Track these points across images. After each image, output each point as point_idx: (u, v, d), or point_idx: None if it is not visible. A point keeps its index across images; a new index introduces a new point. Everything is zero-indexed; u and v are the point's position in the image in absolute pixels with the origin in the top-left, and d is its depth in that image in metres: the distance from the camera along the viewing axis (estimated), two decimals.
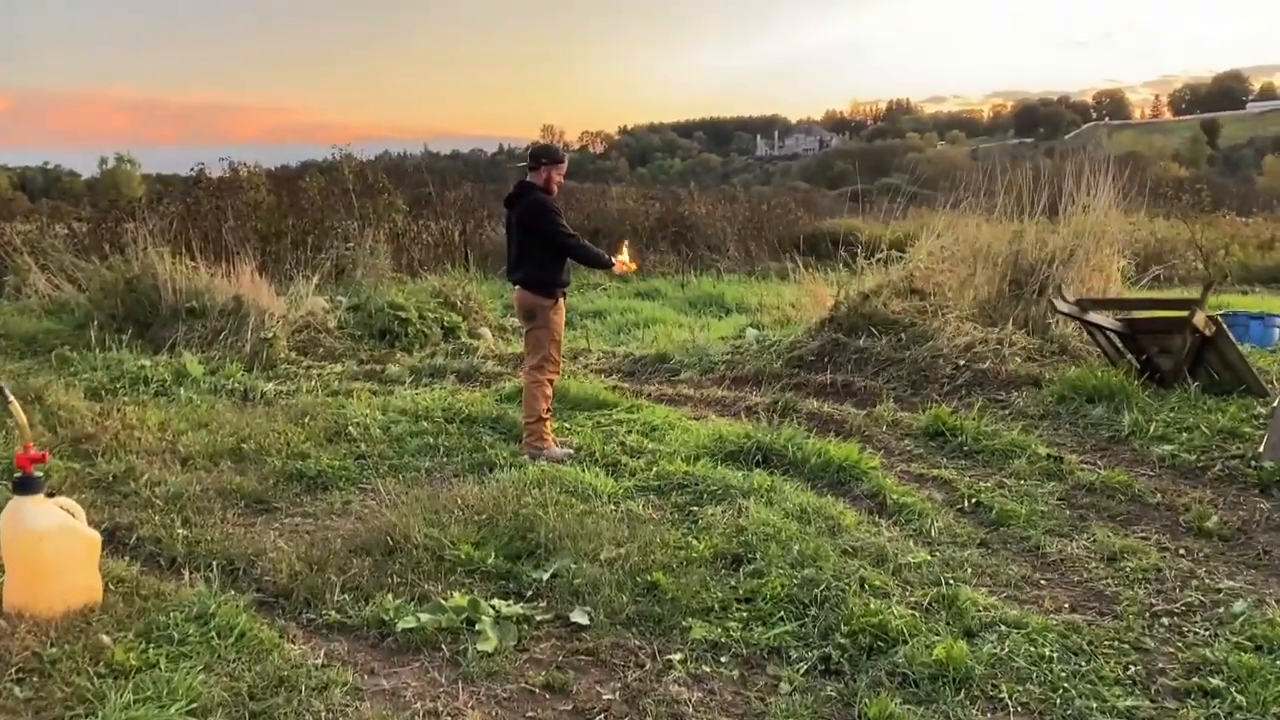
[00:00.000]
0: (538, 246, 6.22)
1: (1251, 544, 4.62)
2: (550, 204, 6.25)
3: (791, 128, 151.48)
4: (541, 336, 6.29)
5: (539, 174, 6.30)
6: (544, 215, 6.18)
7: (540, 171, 6.30)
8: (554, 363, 6.37)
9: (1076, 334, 8.70)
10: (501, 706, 3.21)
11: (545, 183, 6.31)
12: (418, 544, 4.35)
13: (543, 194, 6.26)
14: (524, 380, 6.41)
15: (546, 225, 6.17)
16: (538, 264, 6.24)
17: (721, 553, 4.33)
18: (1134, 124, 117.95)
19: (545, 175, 6.31)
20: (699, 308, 14.29)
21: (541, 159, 6.34)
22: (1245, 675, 3.22)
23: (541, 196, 6.24)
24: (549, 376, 6.33)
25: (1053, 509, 5.11)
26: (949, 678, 3.27)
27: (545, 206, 6.20)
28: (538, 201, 6.21)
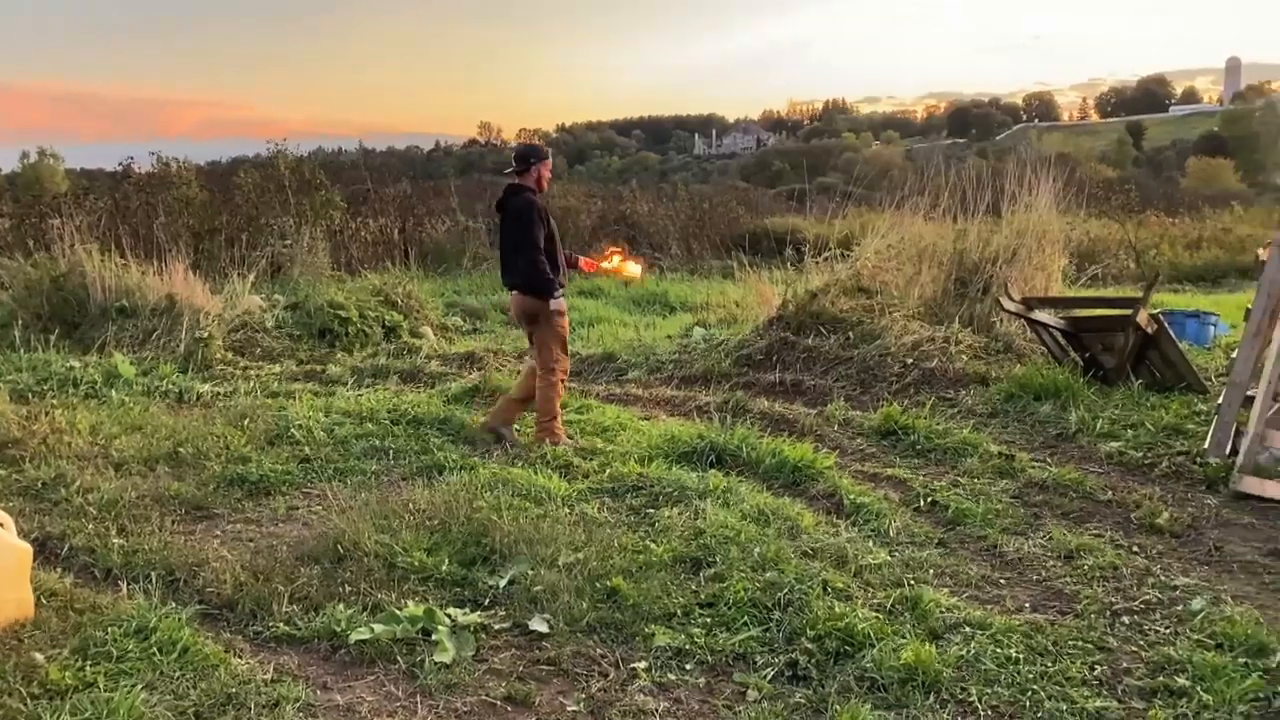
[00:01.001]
0: (521, 250, 6.21)
1: (1202, 540, 4.68)
2: (538, 208, 6.24)
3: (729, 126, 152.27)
4: (546, 337, 6.28)
5: (529, 175, 6.35)
6: (524, 219, 6.19)
7: (530, 173, 6.35)
8: (562, 362, 6.38)
9: (1021, 332, 8.80)
10: None
11: (536, 182, 6.35)
12: (368, 551, 4.20)
13: (533, 194, 6.28)
14: (537, 383, 6.38)
15: (522, 227, 6.18)
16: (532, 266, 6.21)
17: (681, 556, 4.25)
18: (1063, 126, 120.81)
19: (535, 174, 6.35)
20: (643, 306, 14.21)
21: (530, 159, 6.40)
22: (1210, 674, 3.23)
23: (532, 197, 6.26)
24: (559, 376, 6.35)
25: (1007, 507, 5.13)
26: (918, 681, 3.23)
27: (533, 209, 6.21)
28: (528, 202, 6.23)
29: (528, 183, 6.33)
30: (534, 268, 6.17)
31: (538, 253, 6.15)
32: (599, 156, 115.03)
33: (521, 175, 6.35)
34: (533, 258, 6.15)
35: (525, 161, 6.38)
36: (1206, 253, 20.00)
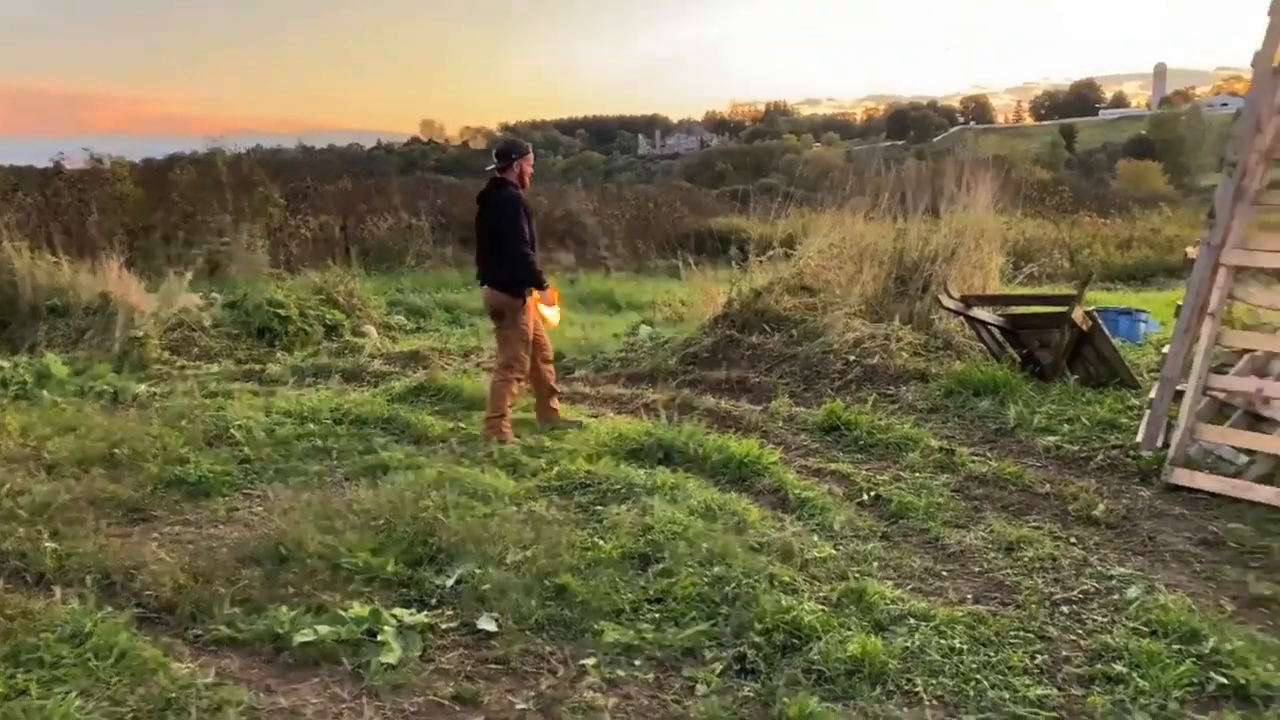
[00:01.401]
0: (507, 244, 6.23)
1: (1137, 531, 4.80)
2: (523, 203, 6.26)
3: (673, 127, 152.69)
4: (510, 336, 6.31)
5: (511, 170, 6.36)
6: (511, 213, 6.21)
7: (512, 168, 6.37)
8: (523, 362, 6.37)
9: (960, 329, 8.95)
10: None
11: (519, 177, 6.37)
12: (311, 552, 4.13)
13: (516, 190, 6.30)
14: (492, 377, 6.43)
15: (507, 222, 6.19)
16: (507, 262, 6.22)
17: (629, 553, 4.25)
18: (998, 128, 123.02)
19: (518, 170, 6.37)
20: (589, 305, 14.22)
21: (512, 155, 6.41)
22: (1145, 660, 3.32)
23: (513, 193, 6.27)
24: (516, 375, 6.36)
25: (948, 500, 5.21)
26: (864, 673, 3.27)
27: (518, 204, 6.23)
28: (512, 196, 6.25)
29: (510, 178, 6.36)
30: (524, 261, 6.24)
31: (526, 247, 6.21)
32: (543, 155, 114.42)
33: (504, 171, 6.38)
34: (522, 252, 6.21)
35: (507, 157, 6.40)
36: (1137, 252, 20.55)
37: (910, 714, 3.09)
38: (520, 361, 6.34)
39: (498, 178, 6.41)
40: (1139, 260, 19.84)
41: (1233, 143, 5.74)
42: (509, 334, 6.32)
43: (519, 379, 6.40)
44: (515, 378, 6.35)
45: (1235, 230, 5.65)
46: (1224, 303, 5.66)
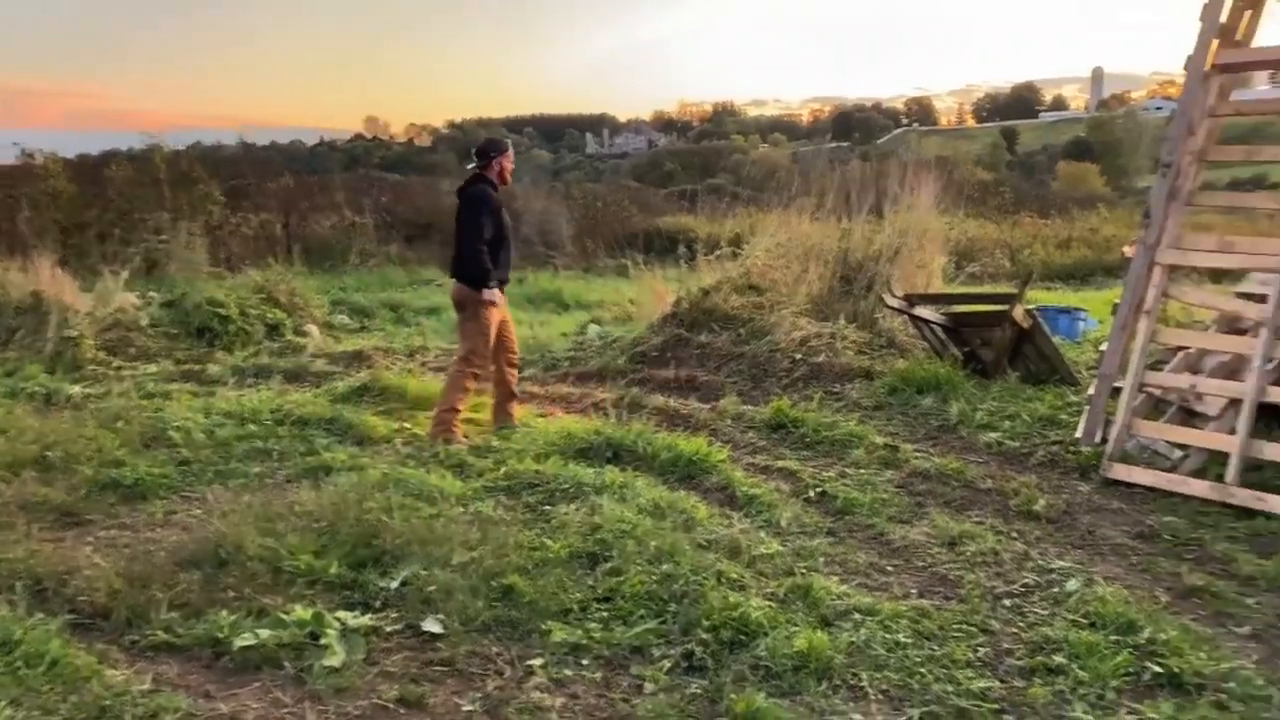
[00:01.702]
0: (464, 240, 6.29)
1: (1076, 525, 4.90)
2: (488, 200, 6.28)
3: (621, 126, 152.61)
4: (470, 328, 6.32)
5: (490, 168, 6.39)
6: (472, 208, 6.27)
7: (491, 166, 6.39)
8: (483, 357, 6.36)
9: (903, 328, 9.06)
10: None
11: (499, 175, 6.40)
12: (252, 555, 4.04)
13: (488, 187, 6.32)
14: (449, 370, 6.46)
15: (467, 218, 6.26)
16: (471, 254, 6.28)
17: (577, 552, 4.23)
18: (941, 130, 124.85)
19: (497, 167, 6.40)
20: (537, 304, 14.16)
21: (490, 153, 6.42)
22: (1084, 651, 3.38)
23: (483, 190, 6.30)
24: (473, 369, 6.35)
25: (893, 496, 5.27)
26: (811, 668, 3.29)
27: (480, 201, 6.27)
28: (477, 194, 6.30)
29: (490, 175, 6.40)
30: (472, 256, 6.26)
31: (478, 242, 6.23)
32: None
33: (484, 168, 6.41)
34: (473, 247, 6.24)
35: (486, 155, 6.43)
36: (1076, 252, 20.98)
37: (856, 708, 3.11)
38: (478, 355, 6.34)
39: (477, 174, 6.42)
40: (1078, 260, 20.25)
41: (1167, 145, 5.88)
42: (468, 327, 6.34)
43: (475, 373, 6.39)
44: (472, 371, 6.34)
45: (1170, 230, 5.78)
46: (1159, 301, 5.79)
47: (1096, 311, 10.73)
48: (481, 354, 6.34)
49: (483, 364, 6.39)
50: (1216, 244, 5.76)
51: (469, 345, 6.36)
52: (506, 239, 6.42)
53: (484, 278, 6.25)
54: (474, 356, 6.33)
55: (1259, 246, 5.65)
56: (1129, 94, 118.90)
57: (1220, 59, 5.80)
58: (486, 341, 6.31)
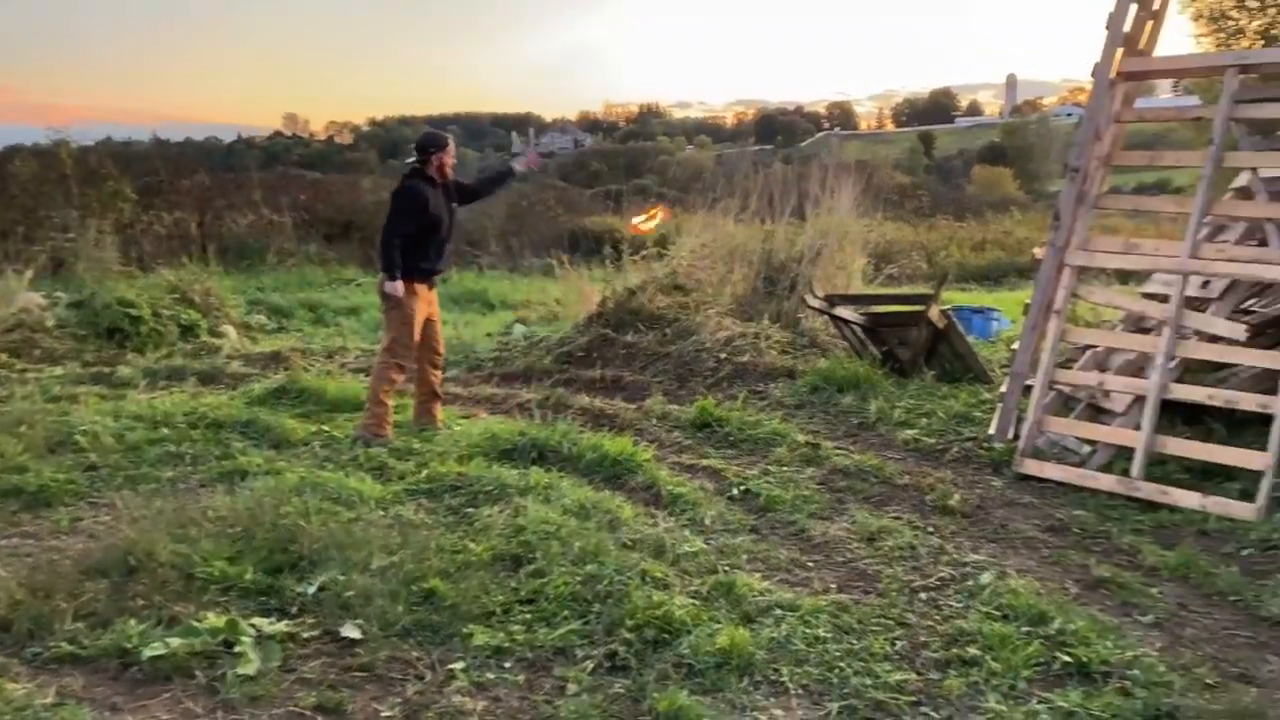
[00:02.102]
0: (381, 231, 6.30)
1: (989, 519, 5.03)
2: (415, 195, 6.19)
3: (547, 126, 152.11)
4: (393, 318, 6.29)
5: (430, 164, 6.30)
6: (395, 201, 6.27)
7: (431, 161, 6.30)
8: (406, 348, 6.29)
9: (825, 328, 9.21)
10: None
11: (439, 170, 6.31)
12: (163, 562, 3.92)
13: (420, 182, 6.24)
14: (374, 362, 6.44)
15: (390, 209, 6.27)
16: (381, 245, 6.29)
17: (501, 554, 4.19)
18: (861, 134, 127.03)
19: (437, 163, 6.31)
20: (462, 304, 14.03)
21: (430, 148, 6.33)
22: (997, 643, 3.47)
23: (413, 185, 6.24)
24: (397, 361, 6.29)
25: (814, 493, 5.34)
26: (732, 665, 3.31)
27: (405, 195, 6.22)
28: (404, 188, 6.27)
29: (429, 171, 6.31)
30: (381, 247, 6.25)
31: (392, 235, 6.18)
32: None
33: (423, 164, 6.32)
34: (385, 238, 6.22)
35: (425, 151, 6.34)
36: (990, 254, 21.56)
37: (777, 704, 3.15)
38: (401, 346, 6.27)
39: (414, 169, 6.35)
40: (992, 261, 20.80)
41: (1075, 150, 6.07)
42: (391, 316, 6.32)
43: (399, 365, 6.30)
44: (395, 363, 6.28)
45: (1078, 232, 5.97)
46: (1068, 301, 5.97)
47: (1009, 311, 11.03)
48: (405, 344, 6.26)
49: (406, 354, 6.30)
50: (1122, 246, 5.97)
51: (392, 335, 6.32)
52: (439, 234, 6.32)
53: (388, 270, 6.17)
54: (397, 346, 6.27)
55: (1162, 248, 5.87)
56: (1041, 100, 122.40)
57: (1125, 68, 6.01)
58: (410, 332, 6.23)
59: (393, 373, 6.27)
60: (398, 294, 6.14)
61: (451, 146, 6.47)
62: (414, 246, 6.19)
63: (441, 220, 6.31)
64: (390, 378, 6.25)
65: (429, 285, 6.41)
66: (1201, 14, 17.29)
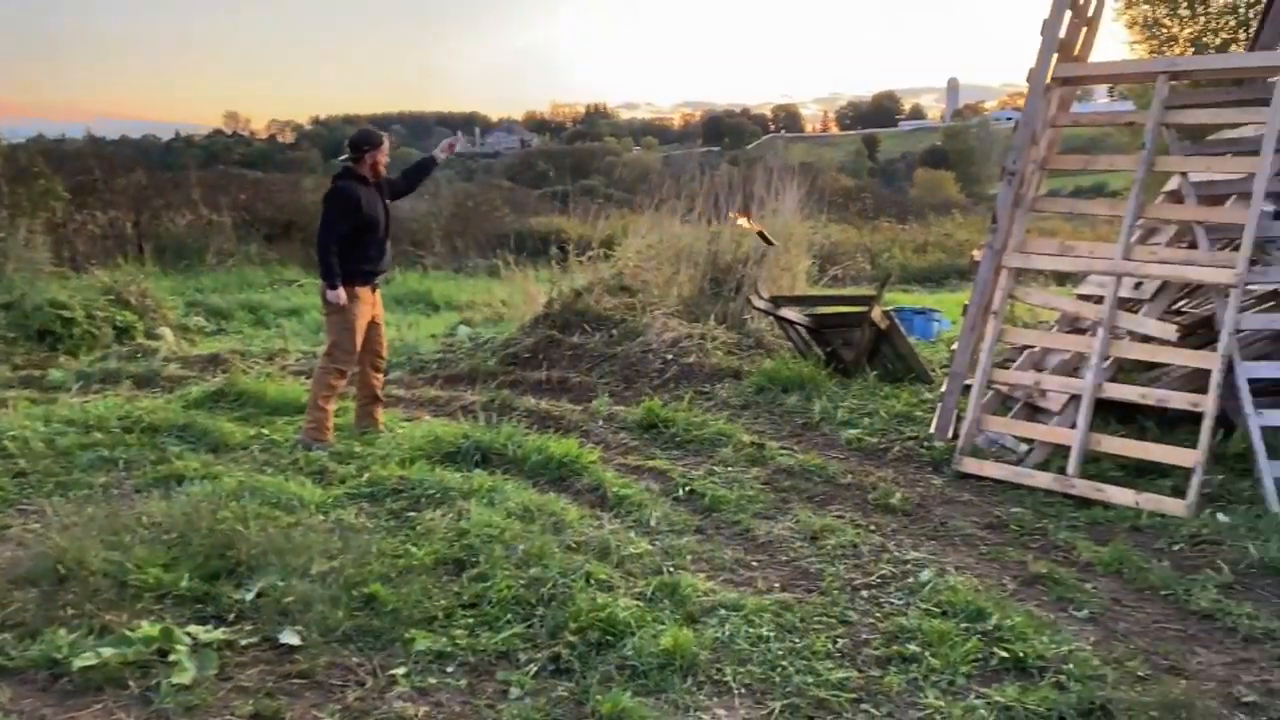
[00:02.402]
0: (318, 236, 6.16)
1: (930, 517, 5.10)
2: (347, 196, 6.07)
3: (493, 125, 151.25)
4: (334, 323, 6.18)
5: (363, 163, 6.18)
6: (328, 204, 6.14)
7: (364, 160, 6.18)
8: (347, 353, 6.18)
9: (770, 328, 9.28)
10: None
11: (372, 169, 6.20)
12: (95, 570, 3.82)
13: (353, 182, 6.12)
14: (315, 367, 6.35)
15: (323, 213, 6.14)
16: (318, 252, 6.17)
17: (443, 558, 4.15)
18: (807, 137, 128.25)
19: (370, 161, 6.19)
20: (405, 305, 13.88)
21: (363, 146, 6.21)
22: (936, 639, 3.52)
23: (344, 185, 6.12)
24: (338, 366, 6.18)
25: (759, 493, 5.37)
26: (676, 665, 3.31)
27: (337, 196, 6.10)
28: (337, 189, 6.14)
29: (362, 170, 6.18)
30: (319, 254, 6.14)
31: (326, 239, 6.07)
32: None
33: (356, 162, 6.19)
34: (321, 244, 6.10)
35: (358, 149, 6.21)
36: (931, 256, 21.89)
37: (720, 703, 3.16)
38: (342, 351, 6.15)
39: (346, 167, 6.23)
40: (934, 263, 21.12)
41: (1012, 154, 6.18)
42: (331, 321, 6.21)
43: (340, 370, 6.19)
44: (336, 368, 6.16)
45: (1014, 235, 6.08)
46: (1005, 302, 6.08)
47: (950, 312, 11.20)
48: (346, 349, 6.16)
49: (347, 360, 6.20)
50: (1057, 248, 6.09)
51: (332, 340, 6.21)
52: (377, 234, 6.21)
53: (327, 277, 6.06)
54: (338, 351, 6.16)
55: (1096, 251, 6.00)
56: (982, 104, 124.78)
57: (1059, 73, 6.13)
58: (351, 337, 6.13)
59: (333, 378, 6.17)
60: (340, 302, 6.04)
61: (386, 144, 6.35)
62: (352, 249, 6.08)
63: (378, 220, 6.20)
64: (330, 383, 6.15)
65: (371, 288, 6.30)
66: (1136, 21, 17.78)
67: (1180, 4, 17.31)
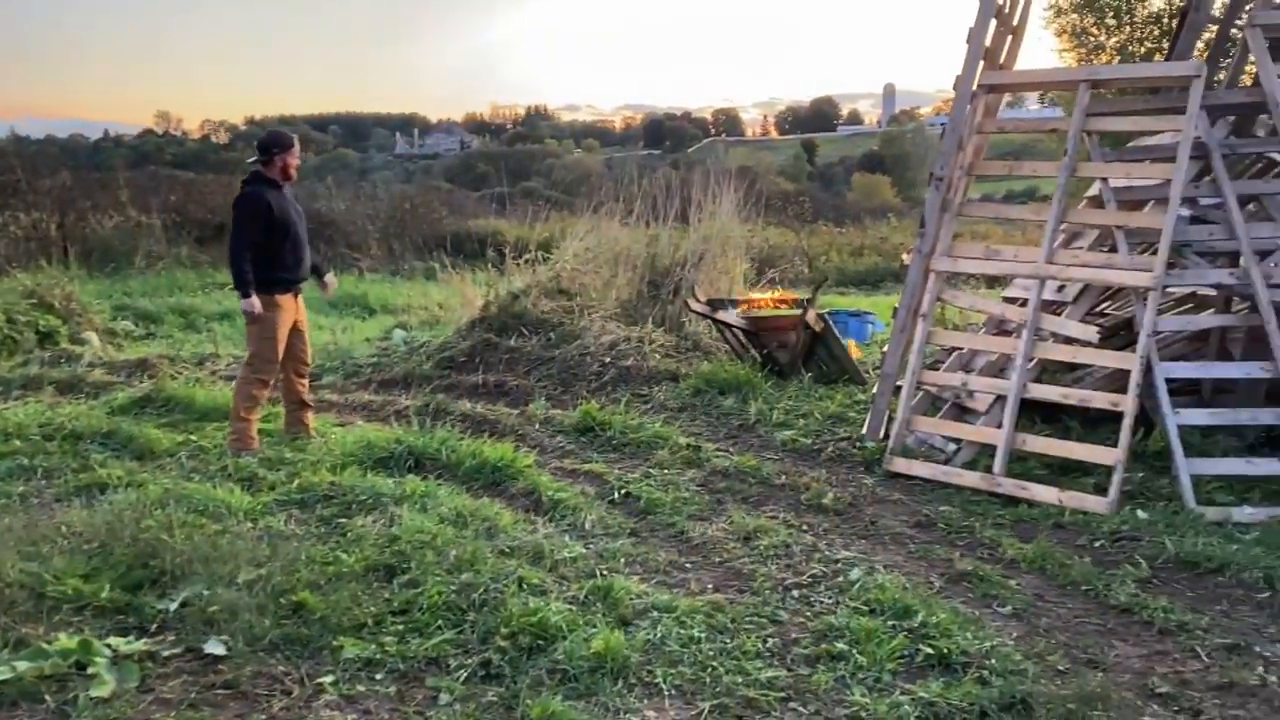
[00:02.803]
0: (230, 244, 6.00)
1: (861, 516, 5.18)
2: (258, 202, 5.92)
3: (432, 127, 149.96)
4: (253, 333, 6.06)
5: (273, 166, 6.04)
6: (237, 211, 5.99)
7: (274, 163, 6.04)
8: (268, 363, 6.05)
9: (707, 331, 9.34)
10: None
11: (282, 171, 6.07)
12: (11, 582, 3.71)
13: (262, 187, 5.98)
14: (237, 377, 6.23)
15: (234, 219, 5.99)
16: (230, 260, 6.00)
17: (373, 565, 4.11)
18: (747, 141, 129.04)
19: (280, 164, 6.06)
20: (340, 309, 13.67)
21: (273, 149, 6.06)
22: (864, 637, 3.57)
23: (253, 191, 5.97)
24: (259, 376, 6.06)
25: (693, 495, 5.41)
26: (607, 669, 3.32)
27: (243, 203, 5.95)
28: (244, 195, 5.99)
29: (271, 173, 6.05)
30: (230, 262, 5.98)
31: (237, 247, 5.92)
32: None
33: (266, 165, 6.05)
34: (231, 251, 5.95)
35: (268, 151, 6.06)
36: (867, 259, 22.19)
37: (650, 705, 3.17)
38: (262, 361, 6.04)
39: (255, 172, 6.08)
40: (870, 266, 21.41)
41: (939, 159, 6.30)
42: (251, 330, 6.09)
43: (263, 379, 6.07)
44: (258, 378, 6.03)
45: (942, 239, 6.20)
46: (934, 305, 6.20)
47: (884, 315, 11.36)
48: (267, 359, 6.03)
49: (268, 369, 6.08)
50: (983, 252, 6.23)
51: (252, 350, 6.09)
52: (292, 239, 6.08)
53: (240, 286, 5.92)
54: (257, 361, 6.04)
55: (1020, 254, 6.14)
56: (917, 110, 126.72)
57: (984, 80, 6.27)
58: (272, 346, 6.01)
59: (255, 389, 6.04)
60: (254, 310, 5.91)
61: (297, 147, 6.22)
62: (267, 255, 5.94)
63: (291, 223, 6.06)
64: (252, 394, 6.03)
65: (294, 294, 6.17)
66: (1065, 30, 18.21)
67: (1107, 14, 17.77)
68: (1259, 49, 5.69)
